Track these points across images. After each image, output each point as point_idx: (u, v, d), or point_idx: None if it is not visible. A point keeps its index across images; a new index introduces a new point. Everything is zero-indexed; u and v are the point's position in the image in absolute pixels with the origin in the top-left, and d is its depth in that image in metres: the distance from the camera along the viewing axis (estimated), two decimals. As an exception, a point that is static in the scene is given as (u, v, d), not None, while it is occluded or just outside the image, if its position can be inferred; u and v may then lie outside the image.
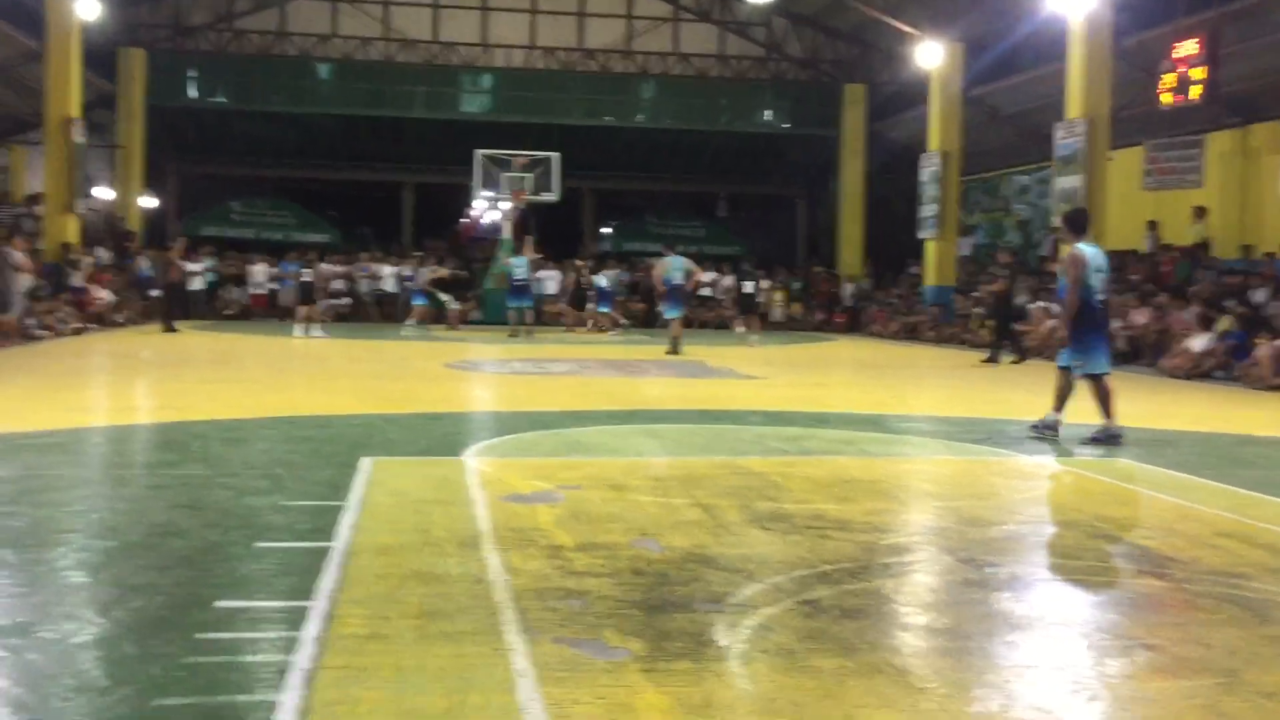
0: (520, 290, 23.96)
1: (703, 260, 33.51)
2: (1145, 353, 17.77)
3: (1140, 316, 18.52)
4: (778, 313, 30.72)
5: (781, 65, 33.52)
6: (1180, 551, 5.34)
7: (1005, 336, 18.59)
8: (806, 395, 11.39)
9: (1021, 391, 13.15)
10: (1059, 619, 4.31)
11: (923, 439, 9.42)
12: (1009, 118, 27.68)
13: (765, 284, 30.92)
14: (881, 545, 5.33)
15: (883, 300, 29.71)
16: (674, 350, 18.58)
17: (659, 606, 4.19)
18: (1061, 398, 9.05)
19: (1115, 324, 15.74)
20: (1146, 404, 11.83)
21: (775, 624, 4.06)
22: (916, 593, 4.72)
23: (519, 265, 24.00)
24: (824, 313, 30.99)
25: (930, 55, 26.12)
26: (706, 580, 4.58)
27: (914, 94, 28.43)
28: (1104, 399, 8.92)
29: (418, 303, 26.00)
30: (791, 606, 4.28)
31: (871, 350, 22.57)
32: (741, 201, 38.67)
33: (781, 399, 12.09)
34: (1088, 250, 8.98)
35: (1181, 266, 20.69)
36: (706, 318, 30.12)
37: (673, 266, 19.64)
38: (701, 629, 3.95)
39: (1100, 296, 9.00)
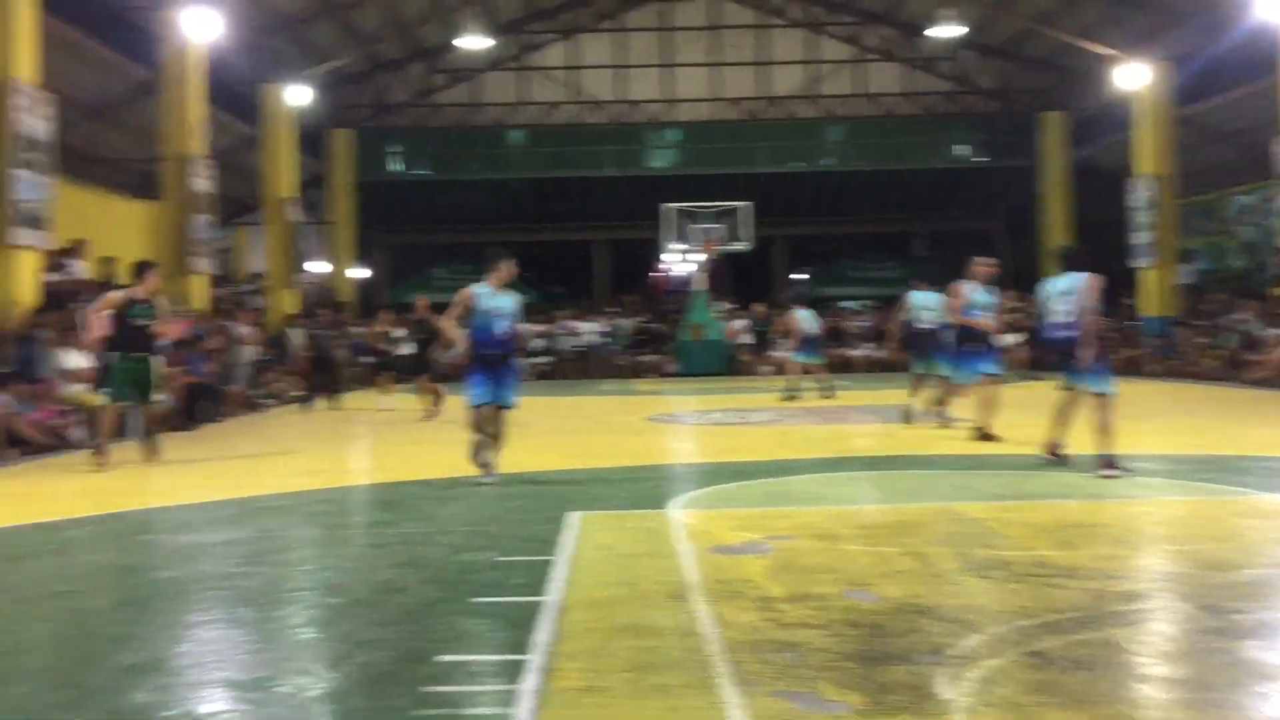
0: (810, 343, 20.00)
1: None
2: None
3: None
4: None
5: (972, 98, 32.86)
6: None
7: None
8: (1021, 436, 10.94)
9: (1256, 426, 12.31)
10: (1318, 670, 3.97)
11: (1151, 479, 8.90)
12: (1225, 136, 26.22)
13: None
14: (1112, 592, 5.04)
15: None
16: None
17: (876, 659, 4.07)
18: None
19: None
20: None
21: (1000, 676, 3.88)
22: (1153, 642, 4.44)
23: (806, 317, 19.96)
24: (1033, 350, 29.88)
25: (1133, 76, 25.08)
26: (924, 631, 4.43)
27: (1117, 117, 27.29)
28: None
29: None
30: (1017, 658, 4.08)
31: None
32: (939, 239, 37.84)
33: (995, 441, 11.66)
34: None
35: None
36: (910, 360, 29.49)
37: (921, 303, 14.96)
38: (922, 682, 3.81)
39: None
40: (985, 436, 11.37)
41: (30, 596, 5.65)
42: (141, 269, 11.70)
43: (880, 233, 37.04)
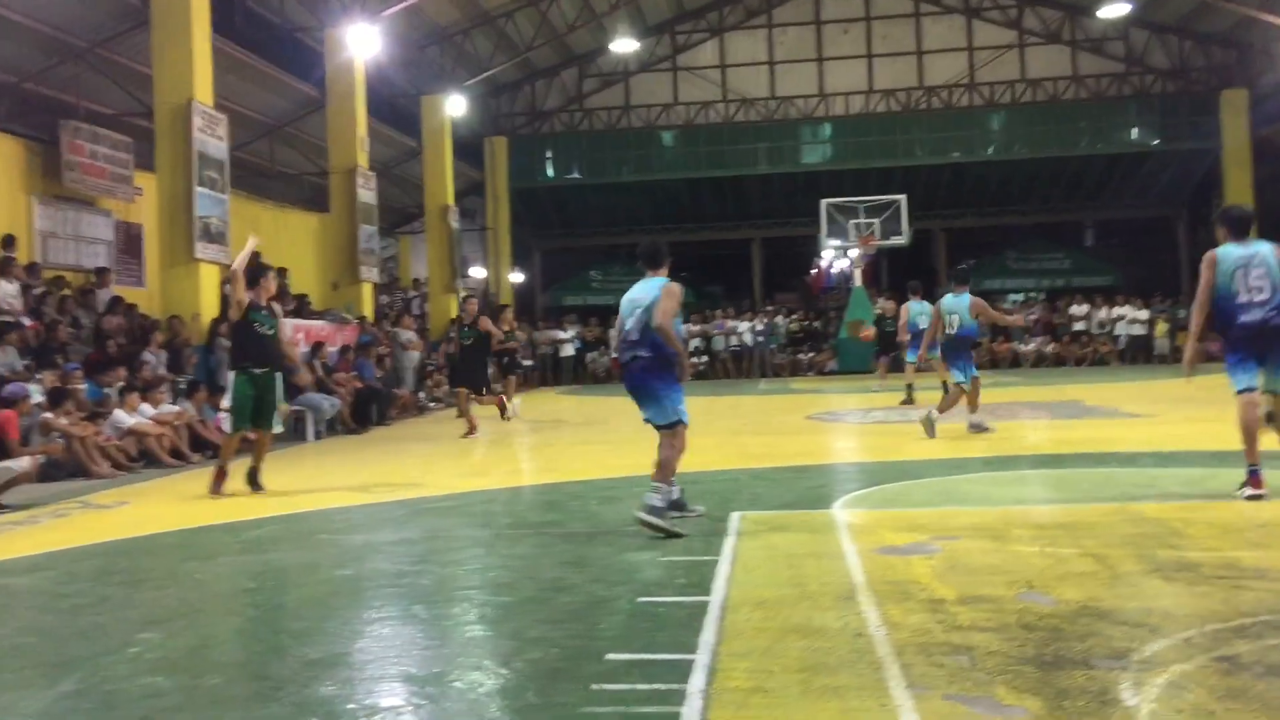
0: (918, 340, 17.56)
1: (1072, 292, 31.81)
2: None
3: None
4: (1162, 344, 28.54)
5: (1145, 79, 31.47)
6: None
7: None
8: (1205, 432, 10.42)
9: None
10: None
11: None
12: None
13: (1143, 314, 28.90)
14: (1310, 595, 4.76)
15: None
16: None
17: (1054, 663, 3.93)
18: None
19: None
20: None
21: (1188, 682, 3.70)
22: (1358, 649, 4.16)
23: (918, 311, 17.28)
24: (1216, 342, 28.48)
25: (1318, 48, 23.66)
26: (1105, 635, 4.25)
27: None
28: None
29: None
30: (1206, 663, 3.89)
31: None
32: (1110, 228, 36.37)
33: (1175, 437, 11.15)
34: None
35: None
36: (1081, 353, 28.51)
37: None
38: (1104, 687, 3.66)
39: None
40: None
41: (221, 593, 5.96)
42: (256, 274, 9.85)
43: (1047, 223, 35.77)
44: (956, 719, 3.43)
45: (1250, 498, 7.07)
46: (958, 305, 12.34)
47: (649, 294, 6.80)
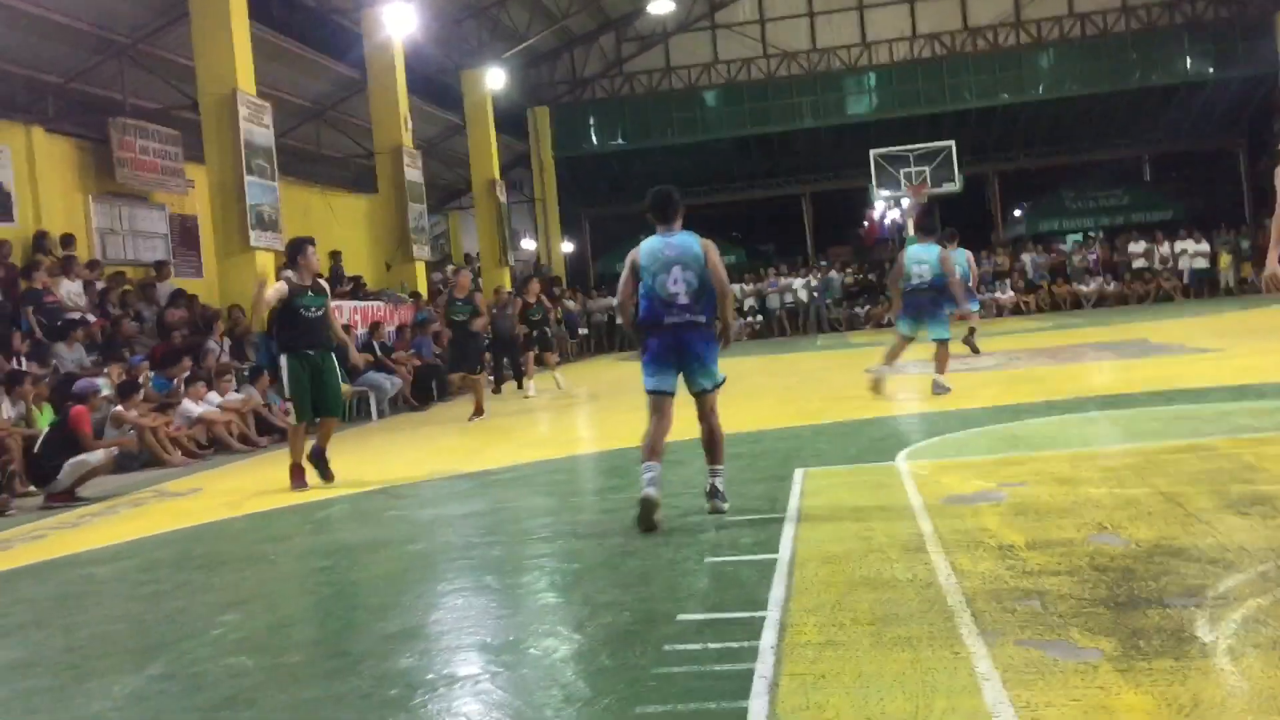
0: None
1: (1130, 229, 31.22)
2: None
3: None
4: (1227, 277, 27.98)
5: (1198, 6, 30.60)
6: None
7: None
8: (1276, 364, 10.18)
9: None
10: None
11: None
12: None
13: (1205, 247, 28.33)
14: (1390, 523, 4.66)
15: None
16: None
17: (1128, 604, 3.90)
18: None
19: None
20: None
21: (1267, 616, 3.65)
22: None
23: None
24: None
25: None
26: (1179, 573, 4.21)
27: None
28: None
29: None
30: (1284, 597, 3.83)
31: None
32: (1168, 161, 35.57)
33: (1246, 370, 10.93)
34: None
35: None
36: (1144, 290, 28.04)
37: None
38: (1180, 625, 3.63)
39: None
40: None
41: (295, 573, 6.08)
42: (295, 248, 9.32)
43: (1103, 160, 35.07)
44: (1030, 664, 3.42)
45: None
46: (927, 255, 11.58)
47: (688, 251, 6.17)
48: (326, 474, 9.08)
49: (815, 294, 29.80)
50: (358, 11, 21.92)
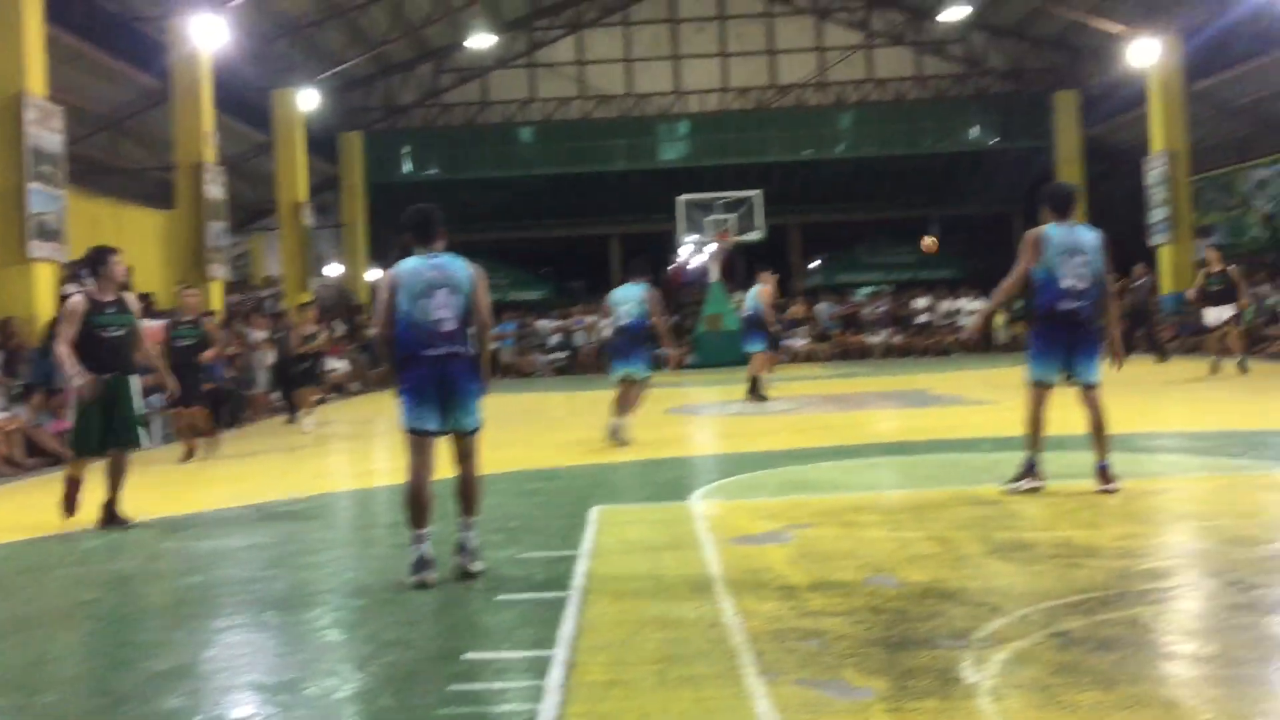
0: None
1: (918, 285, 32.90)
2: None
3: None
4: (1001, 334, 29.71)
5: (984, 80, 32.70)
6: None
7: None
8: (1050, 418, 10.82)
9: (1277, 400, 12.22)
10: (1347, 643, 3.95)
11: (1174, 456, 8.87)
12: (1237, 110, 26.06)
13: (980, 305, 30.00)
14: (1136, 571, 5.03)
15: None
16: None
17: (900, 644, 4.07)
18: None
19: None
20: None
21: (1026, 658, 3.87)
22: (1178, 619, 4.43)
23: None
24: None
25: (1145, 52, 24.95)
26: (948, 615, 4.42)
27: (1130, 94, 27.16)
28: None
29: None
30: (1042, 639, 4.08)
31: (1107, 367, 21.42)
32: (955, 223, 37.65)
33: (1013, 424, 11.50)
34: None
35: None
36: (926, 344, 29.46)
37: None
38: (947, 665, 3.81)
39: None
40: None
41: (60, 606, 5.70)
42: (96, 259, 8.12)
43: (895, 219, 36.90)
44: (807, 703, 3.52)
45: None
46: (628, 296, 11.72)
47: (454, 274, 5.66)
48: (118, 521, 7.81)
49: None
50: (164, 21, 21.05)
